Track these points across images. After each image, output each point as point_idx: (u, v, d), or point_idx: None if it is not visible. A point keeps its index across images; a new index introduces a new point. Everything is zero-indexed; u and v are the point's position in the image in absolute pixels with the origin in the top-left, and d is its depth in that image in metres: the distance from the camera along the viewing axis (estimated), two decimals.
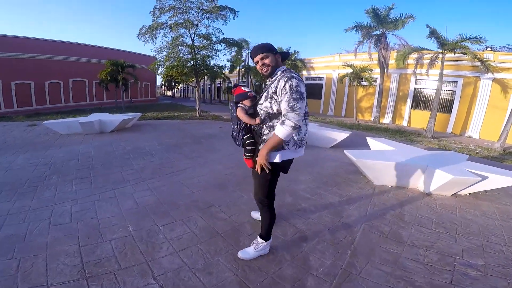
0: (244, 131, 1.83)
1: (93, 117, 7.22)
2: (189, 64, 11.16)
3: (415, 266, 1.98)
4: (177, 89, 53.78)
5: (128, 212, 2.66)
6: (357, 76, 13.90)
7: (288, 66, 1.90)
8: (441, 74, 10.73)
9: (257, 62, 1.74)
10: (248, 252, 1.99)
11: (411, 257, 2.09)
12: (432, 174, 3.38)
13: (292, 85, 1.54)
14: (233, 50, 12.25)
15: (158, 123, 9.32)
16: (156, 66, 11.28)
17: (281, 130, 1.56)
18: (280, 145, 1.66)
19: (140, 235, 2.26)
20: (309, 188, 3.49)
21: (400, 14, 12.83)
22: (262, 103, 1.72)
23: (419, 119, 14.67)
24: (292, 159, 1.81)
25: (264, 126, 1.72)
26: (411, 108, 15.30)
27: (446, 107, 13.78)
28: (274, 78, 1.70)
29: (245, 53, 20.32)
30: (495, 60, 11.01)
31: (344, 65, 15.02)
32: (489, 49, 12.11)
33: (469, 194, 3.57)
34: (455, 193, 3.51)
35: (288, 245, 2.20)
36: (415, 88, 15.11)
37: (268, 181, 1.79)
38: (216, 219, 2.57)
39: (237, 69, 24.78)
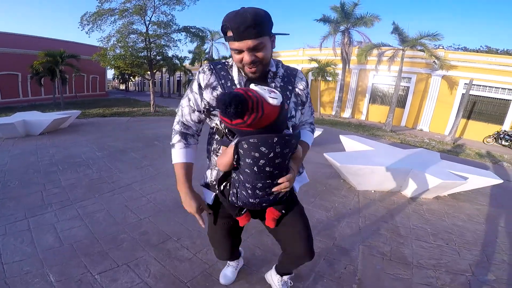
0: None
1: (17, 117, 5.74)
2: (141, 54, 9.81)
3: None
4: (131, 82, 49.43)
5: (47, 253, 1.83)
6: (322, 70, 13.92)
7: None
8: (400, 70, 11.19)
9: (244, 51, 0.87)
10: None
11: (423, 281, 1.82)
12: (417, 177, 3.14)
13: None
14: (196, 41, 11.08)
15: (104, 122, 7.89)
16: (99, 57, 9.68)
17: (312, 140, 1.18)
18: None
19: None
20: None
21: (367, 12, 13.05)
22: (294, 116, 1.05)
23: (376, 113, 15.44)
24: None
25: None
26: (369, 102, 15.97)
27: (401, 102, 14.60)
28: (280, 75, 1.03)
29: (208, 44, 19.10)
30: (445, 58, 11.82)
31: (310, 59, 14.98)
32: (440, 47, 12.98)
33: (448, 195, 3.43)
34: (437, 196, 3.33)
35: None
36: (373, 84, 15.77)
37: None
38: (177, 259, 1.87)
39: (200, 62, 23.36)
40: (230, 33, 0.85)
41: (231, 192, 0.93)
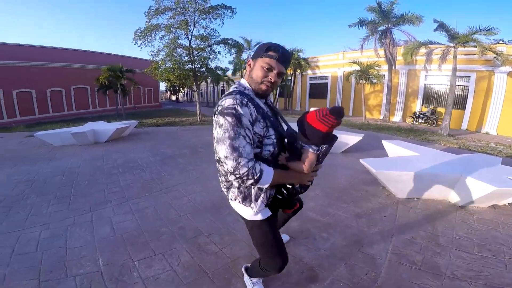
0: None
1: (87, 126, 6.89)
2: (187, 66, 10.79)
3: None
4: (181, 93, 53.81)
5: (102, 241, 2.24)
6: (364, 73, 13.31)
7: (291, 66, 1.38)
8: (455, 69, 10.07)
9: (274, 72, 1.10)
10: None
11: None
12: (467, 184, 2.85)
13: None
14: (233, 52, 11.83)
15: (157, 131, 8.97)
16: (152, 70, 10.95)
17: None
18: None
19: (110, 271, 1.85)
20: (320, 206, 2.95)
21: (408, 11, 12.25)
22: None
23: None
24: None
25: None
26: (422, 105, 14.61)
27: (459, 103, 13.05)
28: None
29: (246, 54, 19.87)
30: (508, 53, 10.28)
31: (351, 62, 14.47)
32: (501, 42, 11.35)
33: (509, 204, 3.03)
34: (493, 204, 2.98)
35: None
36: (425, 84, 14.44)
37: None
38: (205, 252, 2.10)
39: (241, 71, 24.34)
40: (273, 53, 1.08)
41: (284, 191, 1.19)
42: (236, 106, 1.00)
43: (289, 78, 20.22)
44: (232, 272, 1.87)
